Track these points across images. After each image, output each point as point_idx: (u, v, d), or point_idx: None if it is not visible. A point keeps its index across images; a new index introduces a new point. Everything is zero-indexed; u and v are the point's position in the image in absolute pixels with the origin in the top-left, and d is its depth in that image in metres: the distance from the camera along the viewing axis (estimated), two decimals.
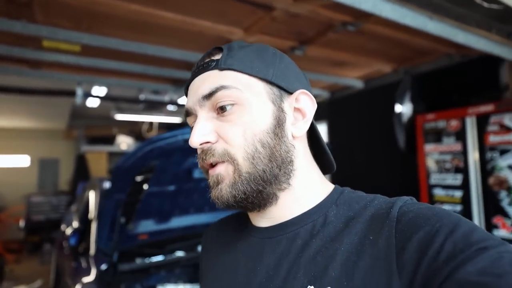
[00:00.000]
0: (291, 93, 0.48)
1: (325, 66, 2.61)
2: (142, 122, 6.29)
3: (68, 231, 2.88)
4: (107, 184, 2.67)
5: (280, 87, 0.47)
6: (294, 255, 0.45)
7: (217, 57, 0.47)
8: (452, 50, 2.26)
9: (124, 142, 6.88)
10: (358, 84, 3.08)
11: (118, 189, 1.77)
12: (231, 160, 0.45)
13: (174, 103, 3.83)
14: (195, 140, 0.45)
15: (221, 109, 0.45)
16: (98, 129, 7.09)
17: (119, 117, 5.03)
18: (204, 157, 0.46)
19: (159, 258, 2.17)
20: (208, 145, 0.46)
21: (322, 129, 4.84)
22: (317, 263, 0.43)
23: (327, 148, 0.52)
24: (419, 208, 0.42)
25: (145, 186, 1.95)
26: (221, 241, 0.57)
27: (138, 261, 2.09)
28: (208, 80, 0.46)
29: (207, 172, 0.48)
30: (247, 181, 0.45)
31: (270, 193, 0.46)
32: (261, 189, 0.45)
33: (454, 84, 2.96)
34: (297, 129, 0.48)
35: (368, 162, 3.86)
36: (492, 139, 2.37)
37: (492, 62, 2.56)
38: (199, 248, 2.37)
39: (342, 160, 2.33)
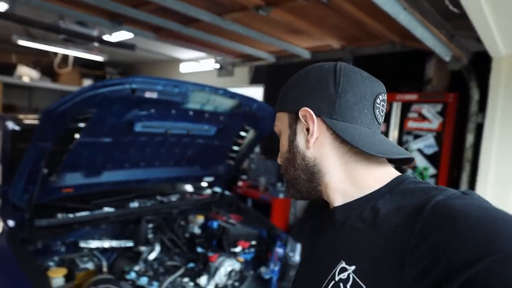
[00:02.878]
0: (297, 116, 0.60)
1: (282, 31, 2.55)
2: (55, 54, 5.34)
3: None
4: (12, 125, 2.25)
5: (292, 113, 0.61)
6: (342, 234, 0.55)
7: None
8: (397, 38, 2.43)
9: (27, 75, 5.79)
10: (306, 55, 3.13)
11: (45, 137, 1.50)
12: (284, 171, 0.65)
13: (101, 40, 3.32)
14: (278, 160, 0.68)
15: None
16: None
17: (24, 43, 4.16)
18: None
19: (84, 213, 1.98)
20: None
21: (259, 92, 4.86)
22: (354, 244, 0.51)
23: (355, 143, 0.54)
24: (452, 204, 0.42)
25: (77, 136, 1.70)
26: (319, 215, 0.72)
27: (60, 216, 1.88)
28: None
29: None
30: (290, 185, 0.64)
31: (310, 190, 0.61)
32: (300, 189, 0.62)
33: (387, 70, 3.25)
34: (307, 142, 0.59)
35: None
36: (410, 124, 2.73)
37: (421, 56, 2.87)
38: (132, 204, 2.24)
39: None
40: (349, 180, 0.57)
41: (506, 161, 2.18)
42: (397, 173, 0.57)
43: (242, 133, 2.56)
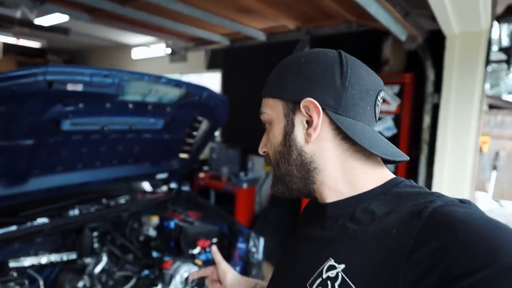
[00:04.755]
0: (297, 105, 0.54)
1: (230, 11, 2.34)
2: None
3: None
4: None
5: (291, 101, 0.55)
6: (332, 231, 0.53)
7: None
8: (353, 18, 2.32)
9: None
10: (261, 37, 2.95)
11: None
12: (271, 162, 0.60)
13: (25, 23, 2.90)
14: (260, 149, 0.62)
15: (266, 128, 0.60)
16: None
17: None
18: (266, 161, 0.63)
19: (11, 228, 1.71)
20: (265, 153, 0.61)
21: (216, 78, 4.62)
22: (345, 242, 0.50)
23: (362, 142, 0.51)
24: (452, 211, 0.41)
25: None
26: (308, 211, 0.69)
27: None
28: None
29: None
30: (278, 181, 0.58)
31: (301, 188, 0.56)
32: (290, 186, 0.57)
33: (345, 51, 3.15)
34: (308, 135, 0.54)
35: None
36: None
37: (377, 36, 2.79)
38: (71, 212, 1.99)
39: (233, 110, 2.24)
40: (344, 178, 0.54)
41: (461, 142, 2.19)
42: (392, 175, 0.55)
43: (195, 124, 2.36)
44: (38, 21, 3.29)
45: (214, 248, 0.80)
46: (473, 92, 2.17)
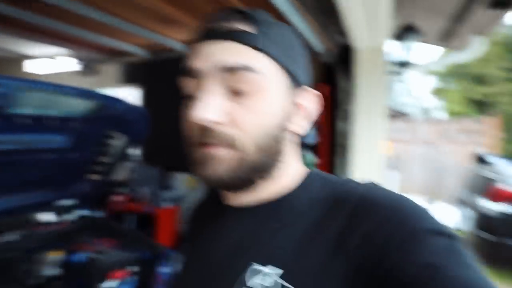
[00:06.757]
0: (299, 87, 0.49)
1: (149, 19, 2.19)
2: None
3: None
4: None
5: (295, 80, 0.48)
6: (252, 233, 0.47)
7: (248, 28, 0.43)
8: None
9: None
10: (184, 49, 2.83)
11: None
12: (238, 146, 0.44)
13: None
14: (207, 116, 0.41)
15: (239, 91, 0.43)
16: None
17: None
18: (205, 136, 0.43)
19: None
20: (214, 125, 0.43)
21: (137, 94, 4.30)
22: (270, 242, 0.45)
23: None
24: (376, 195, 0.43)
25: None
26: (201, 219, 0.60)
27: None
28: (234, 52, 0.42)
29: (193, 145, 0.46)
30: (247, 169, 0.45)
31: (256, 181, 0.47)
32: (253, 178, 0.46)
33: None
34: (298, 126, 0.49)
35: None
36: None
37: None
38: None
39: (156, 127, 2.08)
40: (285, 175, 0.50)
41: (371, 146, 2.42)
42: (304, 167, 0.53)
43: (109, 141, 2.10)
44: None
45: None
46: (379, 100, 2.43)
